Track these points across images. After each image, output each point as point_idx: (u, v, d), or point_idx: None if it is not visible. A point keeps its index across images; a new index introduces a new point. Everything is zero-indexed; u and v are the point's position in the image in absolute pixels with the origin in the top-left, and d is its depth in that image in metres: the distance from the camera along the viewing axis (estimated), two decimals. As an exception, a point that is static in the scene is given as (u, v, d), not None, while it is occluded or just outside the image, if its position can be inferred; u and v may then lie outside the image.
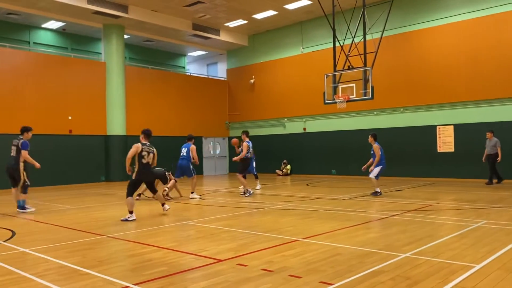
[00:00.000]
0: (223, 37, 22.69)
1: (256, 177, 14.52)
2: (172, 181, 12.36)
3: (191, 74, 25.81)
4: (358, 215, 8.32)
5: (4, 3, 16.77)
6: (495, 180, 14.28)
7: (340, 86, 14.91)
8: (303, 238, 6.16)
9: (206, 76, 25.99)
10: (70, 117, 18.51)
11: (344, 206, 9.69)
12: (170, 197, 12.10)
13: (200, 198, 12.13)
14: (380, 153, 11.35)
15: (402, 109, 18.22)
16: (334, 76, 15.07)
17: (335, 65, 15.02)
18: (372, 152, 11.55)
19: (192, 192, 12.27)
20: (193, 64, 28.36)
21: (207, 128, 24.10)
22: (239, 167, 12.79)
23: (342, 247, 5.59)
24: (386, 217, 7.97)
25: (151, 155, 8.61)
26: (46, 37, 20.66)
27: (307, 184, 16.30)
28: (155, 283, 4.17)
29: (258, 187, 14.03)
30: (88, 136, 19.23)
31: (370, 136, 11.65)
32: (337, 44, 15.13)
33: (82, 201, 12.08)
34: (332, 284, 4.04)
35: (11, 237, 6.76)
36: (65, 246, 6.07)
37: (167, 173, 12.54)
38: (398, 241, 5.86)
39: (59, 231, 7.29)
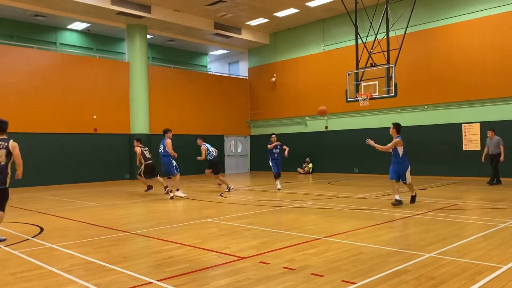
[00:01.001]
0: (245, 35, 22.73)
1: (277, 177, 13.89)
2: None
3: (213, 73, 25.96)
4: (381, 214, 8.23)
5: (32, 5, 17.21)
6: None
7: (363, 84, 14.74)
8: (325, 237, 6.13)
9: (227, 75, 26.10)
10: (95, 116, 18.89)
11: (366, 204, 9.59)
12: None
13: (185, 196, 11.93)
14: (402, 148, 9.11)
15: (426, 107, 17.89)
16: (357, 73, 14.91)
17: (357, 63, 14.86)
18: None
19: (177, 190, 12.01)
20: (214, 63, 28.51)
21: (228, 127, 24.21)
22: (212, 170, 13.72)
23: (365, 246, 5.54)
24: (409, 216, 7.86)
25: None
26: (72, 38, 21.12)
27: (329, 183, 16.20)
28: (177, 280, 4.22)
29: (279, 186, 13.70)
30: (112, 134, 19.59)
31: (392, 126, 9.37)
32: (359, 41, 14.97)
33: (106, 199, 12.32)
34: (354, 283, 4.01)
35: (39, 233, 6.95)
36: (91, 242, 6.21)
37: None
38: (422, 241, 5.77)
39: (85, 228, 7.46)
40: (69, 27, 20.63)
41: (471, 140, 16.65)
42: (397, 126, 9.37)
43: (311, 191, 13.39)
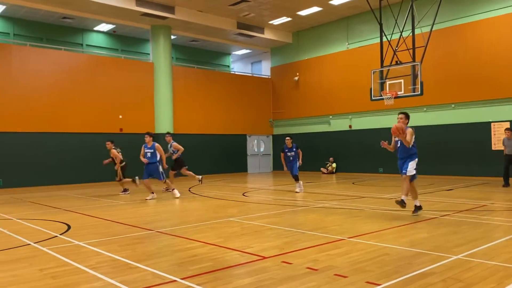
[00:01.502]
0: (267, 35, 22.72)
1: (297, 179, 12.87)
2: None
3: (236, 73, 26.04)
4: (406, 214, 8.08)
5: (60, 8, 17.64)
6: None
7: (388, 82, 14.52)
8: (349, 237, 6.07)
9: (250, 75, 26.14)
10: (120, 116, 19.22)
11: (391, 205, 9.44)
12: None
13: (179, 196, 11.77)
14: (413, 139, 7.95)
15: (453, 105, 17.48)
16: (381, 71, 14.70)
17: (382, 61, 14.65)
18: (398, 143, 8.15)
19: (173, 189, 12.00)
20: (237, 63, 28.61)
21: (251, 126, 24.25)
22: (176, 168, 13.65)
23: (390, 247, 5.45)
24: (436, 217, 7.69)
25: None
26: (98, 39, 21.54)
27: (353, 183, 16.02)
28: (201, 278, 4.25)
29: (298, 189, 12.71)
30: (137, 134, 19.87)
31: (404, 116, 8.15)
32: (384, 39, 14.75)
33: (132, 197, 12.51)
34: (379, 285, 3.95)
35: (67, 231, 7.11)
36: (117, 240, 6.32)
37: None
38: (448, 242, 5.63)
39: (110, 226, 7.60)
40: (95, 28, 21.05)
41: (500, 139, 16.16)
42: (408, 115, 8.17)
43: (334, 191, 13.27)
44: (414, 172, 7.91)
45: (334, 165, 21.62)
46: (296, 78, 23.64)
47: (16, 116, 16.45)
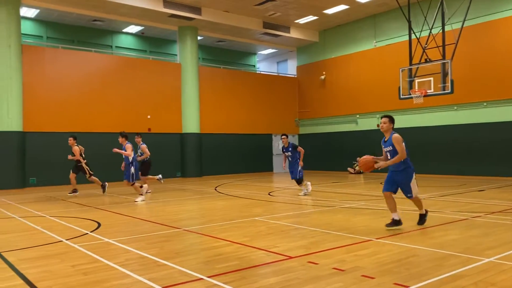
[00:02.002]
0: (293, 34, 22.64)
1: (299, 182, 12.03)
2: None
3: (261, 72, 26.07)
4: (436, 215, 7.90)
5: (90, 11, 18.09)
6: None
7: (417, 80, 14.24)
8: (377, 238, 5.99)
9: (276, 74, 26.11)
10: (149, 116, 19.56)
11: (420, 206, 9.25)
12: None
13: (142, 200, 10.94)
14: (403, 148, 6.59)
15: (485, 104, 16.97)
16: (410, 70, 14.43)
17: (411, 59, 14.38)
18: (388, 147, 6.76)
19: (140, 194, 11.09)
20: (263, 62, 28.63)
21: (277, 126, 24.23)
22: (145, 170, 13.00)
23: (418, 248, 5.35)
24: (466, 219, 7.49)
25: None
26: (127, 41, 21.97)
27: (380, 183, 15.78)
28: (227, 277, 4.28)
29: (302, 193, 11.81)
30: (165, 134, 20.20)
31: (387, 120, 6.78)
32: (413, 36, 14.47)
33: (160, 196, 12.71)
34: (407, 287, 3.88)
35: (97, 228, 7.29)
36: (145, 238, 6.43)
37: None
38: (480, 245, 5.48)
39: (139, 224, 7.74)
40: (124, 30, 21.47)
41: (536, 138, 15.61)
42: (393, 119, 6.82)
43: (361, 191, 13.11)
44: (417, 190, 6.67)
45: (361, 165, 21.32)
46: (323, 77, 23.47)
47: (49, 117, 16.96)
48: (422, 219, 6.87)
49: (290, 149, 11.90)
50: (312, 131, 24.25)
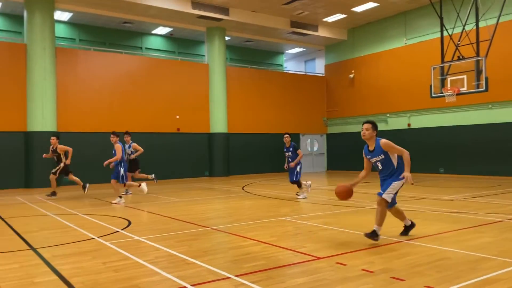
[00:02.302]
0: (321, 32, 22.46)
1: (299, 185, 11.45)
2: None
3: (289, 72, 25.99)
4: (469, 217, 7.67)
5: (121, 13, 18.47)
6: None
7: (449, 78, 13.88)
8: (407, 240, 5.86)
9: (303, 73, 25.97)
10: (177, 117, 19.82)
11: (453, 207, 9.01)
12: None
13: (122, 203, 10.63)
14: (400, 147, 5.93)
15: (522, 102, 16.36)
16: (442, 67, 14.07)
17: (443, 56, 14.02)
18: (378, 156, 5.91)
19: (120, 197, 10.85)
20: (291, 62, 28.53)
21: (304, 125, 24.10)
22: (135, 169, 12.81)
23: (450, 251, 5.20)
24: (502, 221, 7.24)
25: None
26: (156, 43, 22.33)
27: (411, 183, 15.45)
28: (254, 276, 4.28)
29: (301, 196, 11.19)
30: (193, 133, 20.43)
31: (370, 126, 5.99)
32: (445, 33, 14.10)
33: (188, 195, 12.86)
34: (438, 290, 3.78)
35: (127, 226, 7.43)
36: (174, 236, 6.52)
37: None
38: (517, 248, 5.28)
39: (168, 222, 7.85)
40: (153, 32, 21.83)
41: None
42: (376, 125, 6.05)
43: (391, 191, 12.86)
44: (393, 196, 5.80)
45: (391, 165, 20.93)
46: (352, 75, 23.18)
47: (81, 117, 17.42)
48: (406, 230, 6.12)
49: (291, 149, 11.52)
50: (340, 131, 24.00)
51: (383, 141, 5.75)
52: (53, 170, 12.41)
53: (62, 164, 12.39)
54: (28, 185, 16.00)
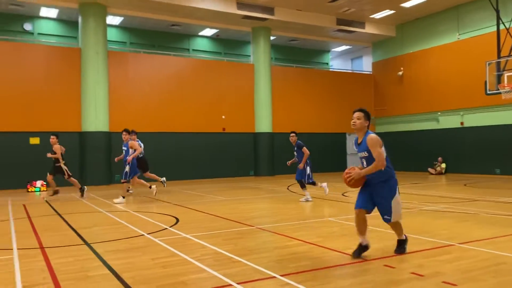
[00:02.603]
0: (368, 29, 21.98)
1: (302, 186, 10.64)
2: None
3: (335, 70, 25.63)
4: (528, 221, 7.24)
5: (168, 16, 18.96)
6: None
7: (506, 74, 13.17)
8: (459, 243, 5.61)
9: (350, 71, 25.53)
10: (223, 117, 20.09)
11: (509, 210, 8.53)
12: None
13: (122, 204, 10.63)
14: (381, 153, 4.90)
15: None
16: (498, 63, 13.37)
17: (499, 51, 13.32)
18: (363, 152, 5.10)
19: (123, 197, 10.97)
20: (336, 60, 28.13)
21: (350, 124, 23.65)
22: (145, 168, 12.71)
23: (507, 255, 4.93)
24: None
25: None
26: (203, 44, 22.73)
27: (464, 185, 14.79)
28: (299, 276, 4.26)
29: (303, 199, 10.63)
30: (238, 133, 20.62)
31: (361, 114, 5.24)
32: (501, 27, 13.38)
33: (234, 194, 12.99)
34: (494, 297, 3.59)
35: (175, 224, 7.62)
36: (220, 234, 6.61)
37: None
38: None
39: (214, 220, 7.97)
40: (200, 34, 22.23)
41: None
42: (369, 114, 5.21)
43: (443, 193, 12.38)
44: (400, 213, 5.03)
45: (443, 165, 20.15)
46: (400, 73, 22.52)
47: (132, 117, 18.02)
48: (401, 245, 5.16)
49: (295, 148, 10.70)
50: (389, 130, 23.37)
51: (371, 136, 4.92)
52: (66, 176, 12.19)
53: (62, 164, 12.07)
54: (83, 183, 16.71)
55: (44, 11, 18.09)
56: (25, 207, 10.48)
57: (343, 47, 25.90)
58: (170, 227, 7.27)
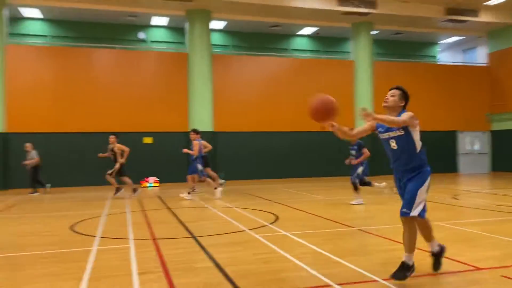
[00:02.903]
0: (483, 17, 20.07)
1: (355, 187, 10.13)
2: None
3: (444, 63, 23.87)
4: None
5: (269, 18, 19.28)
6: None
7: None
8: None
9: (461, 64, 23.57)
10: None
11: None
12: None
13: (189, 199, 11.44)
14: (413, 122, 4.35)
15: None
16: None
17: None
18: (394, 131, 4.32)
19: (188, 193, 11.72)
20: (445, 52, 26.14)
21: (462, 121, 21.84)
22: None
23: None
24: None
25: None
26: (302, 43, 22.71)
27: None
28: (404, 282, 4.04)
29: (355, 201, 10.07)
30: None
31: (397, 91, 4.81)
32: None
33: (332, 193, 12.80)
34: None
35: (275, 221, 7.73)
36: (319, 233, 6.56)
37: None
38: None
39: (314, 219, 7.94)
40: (298, 33, 22.25)
41: None
42: (406, 93, 4.76)
43: None
44: (423, 206, 4.08)
45: None
46: (522, 63, 20.21)
47: (234, 118, 18.68)
48: (437, 261, 4.33)
49: (356, 147, 10.05)
50: (508, 127, 21.12)
51: (409, 113, 4.23)
52: (109, 172, 12.15)
53: (117, 165, 12.12)
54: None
55: (155, 20, 19.59)
56: (139, 202, 11.46)
57: (454, 38, 23.96)
58: (270, 224, 7.41)
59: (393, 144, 4.19)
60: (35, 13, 18.30)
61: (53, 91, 16.69)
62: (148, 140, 17.73)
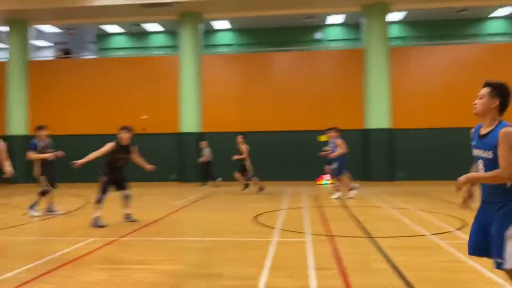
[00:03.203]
0: None
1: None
2: None
3: None
4: None
5: (456, 2, 17.42)
6: None
7: None
8: None
9: None
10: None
11: None
12: None
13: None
14: None
15: None
16: None
17: None
18: (484, 150, 3.02)
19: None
20: None
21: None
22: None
23: None
24: None
25: None
26: (496, 26, 19.97)
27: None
28: None
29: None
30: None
31: (489, 89, 3.01)
32: None
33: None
34: None
35: (462, 227, 6.95)
36: None
37: None
38: None
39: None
40: (491, 15, 19.63)
41: None
42: (504, 90, 2.99)
43: None
44: None
45: None
46: None
47: (414, 113, 17.42)
48: None
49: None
50: None
51: (506, 130, 2.85)
52: (239, 169, 12.74)
53: (247, 163, 12.47)
54: (367, 178, 17.13)
55: (331, 19, 19.79)
56: (316, 198, 11.75)
57: None
58: (455, 229, 6.74)
59: (480, 165, 3.08)
60: (224, 24, 20.52)
61: (239, 94, 18.35)
62: (323, 138, 18.00)
